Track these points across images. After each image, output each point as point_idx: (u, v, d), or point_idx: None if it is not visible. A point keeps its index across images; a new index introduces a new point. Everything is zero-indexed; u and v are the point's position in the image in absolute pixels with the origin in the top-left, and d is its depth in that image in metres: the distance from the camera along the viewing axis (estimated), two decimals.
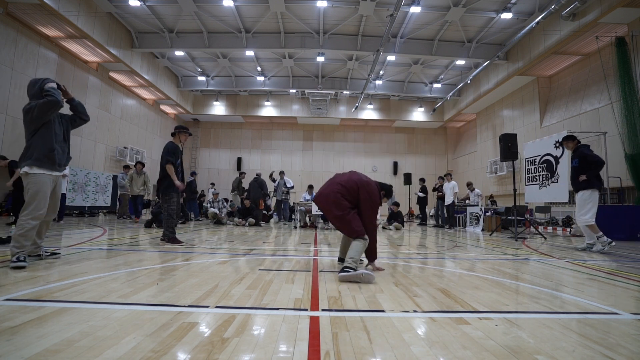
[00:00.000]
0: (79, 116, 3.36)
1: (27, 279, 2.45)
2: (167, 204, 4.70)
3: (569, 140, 5.41)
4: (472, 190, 10.99)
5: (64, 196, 8.79)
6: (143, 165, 10.25)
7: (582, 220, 5.08)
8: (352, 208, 3.03)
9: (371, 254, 3.12)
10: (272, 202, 12.43)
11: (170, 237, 4.71)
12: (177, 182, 4.67)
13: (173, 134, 4.94)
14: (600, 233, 5.04)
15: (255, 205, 9.79)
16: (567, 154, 8.66)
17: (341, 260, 3.42)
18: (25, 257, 2.95)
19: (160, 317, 1.70)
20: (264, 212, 11.40)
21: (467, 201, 10.94)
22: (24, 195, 3.04)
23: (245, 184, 11.53)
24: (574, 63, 12.35)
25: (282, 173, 11.18)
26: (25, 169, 2.99)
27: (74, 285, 2.28)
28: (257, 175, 11.24)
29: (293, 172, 20.44)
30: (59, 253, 3.03)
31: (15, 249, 2.94)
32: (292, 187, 11.52)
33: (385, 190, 3.40)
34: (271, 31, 13.22)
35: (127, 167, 11.19)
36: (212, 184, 16.51)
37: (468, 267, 3.55)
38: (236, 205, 10.65)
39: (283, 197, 10.98)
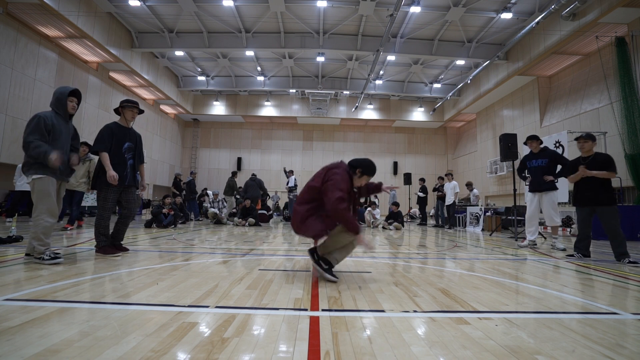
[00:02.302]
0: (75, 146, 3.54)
1: (27, 279, 2.45)
2: (101, 201, 3.66)
3: (533, 140, 5.41)
4: (472, 190, 11.03)
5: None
6: (89, 147, 6.17)
7: (556, 222, 5.25)
8: (312, 211, 2.72)
9: (348, 229, 2.60)
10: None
11: (101, 246, 3.64)
12: (110, 172, 3.57)
13: (117, 112, 3.91)
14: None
15: (254, 204, 9.83)
16: (568, 154, 8.67)
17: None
18: (54, 253, 3.03)
19: (160, 317, 1.70)
20: (264, 212, 11.41)
21: (470, 193, 11.02)
22: (32, 197, 3.05)
23: (240, 183, 11.53)
24: (574, 63, 12.33)
25: (291, 172, 11.31)
26: (33, 177, 3.02)
27: (74, 285, 2.28)
28: (253, 175, 11.24)
29: (293, 172, 20.44)
30: (60, 258, 3.03)
31: (40, 247, 2.96)
32: (295, 187, 11.55)
33: (362, 167, 2.76)
34: (271, 31, 13.21)
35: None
36: (205, 189, 15.30)
37: (468, 267, 3.55)
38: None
39: (291, 196, 11.12)
